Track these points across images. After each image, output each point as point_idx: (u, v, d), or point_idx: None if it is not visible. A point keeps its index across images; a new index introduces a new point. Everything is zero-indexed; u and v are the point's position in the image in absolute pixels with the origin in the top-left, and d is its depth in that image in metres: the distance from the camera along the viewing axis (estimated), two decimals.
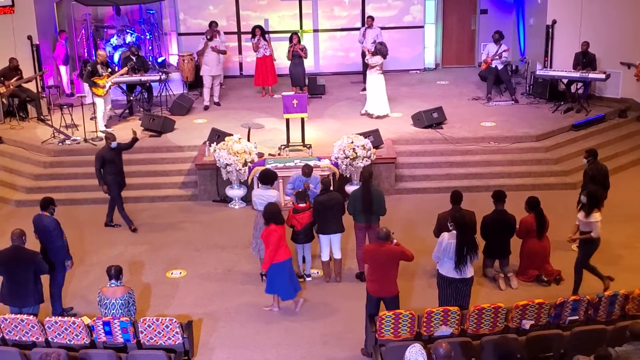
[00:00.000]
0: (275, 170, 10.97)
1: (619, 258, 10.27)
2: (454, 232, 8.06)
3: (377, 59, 14.01)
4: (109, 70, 13.86)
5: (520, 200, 9.69)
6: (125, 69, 14.31)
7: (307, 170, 10.04)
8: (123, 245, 10.90)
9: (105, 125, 13.76)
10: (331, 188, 9.82)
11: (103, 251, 10.68)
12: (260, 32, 15.53)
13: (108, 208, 11.41)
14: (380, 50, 13.99)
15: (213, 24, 15.65)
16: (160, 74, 15.03)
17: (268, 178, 9.55)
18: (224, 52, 15.35)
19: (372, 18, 16.14)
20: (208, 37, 15.05)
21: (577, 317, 7.77)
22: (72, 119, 13.88)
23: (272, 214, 8.69)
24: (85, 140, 13.30)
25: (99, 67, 13.67)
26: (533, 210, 9.49)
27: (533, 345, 7.25)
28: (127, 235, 11.19)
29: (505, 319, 7.70)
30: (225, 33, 16.35)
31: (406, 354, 6.29)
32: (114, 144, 11.00)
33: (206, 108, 15.17)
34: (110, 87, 13.77)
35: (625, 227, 11.09)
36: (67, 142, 13.32)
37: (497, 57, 15.01)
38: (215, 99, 15.38)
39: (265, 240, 8.72)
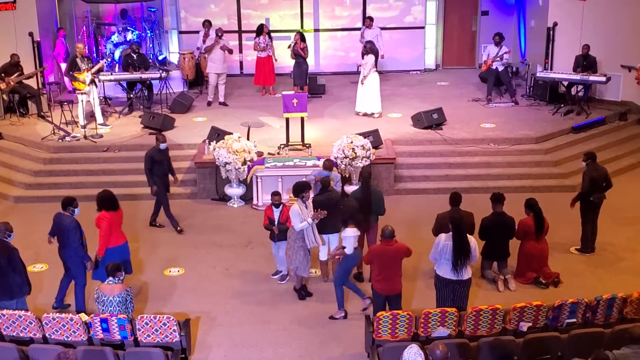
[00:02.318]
0: (276, 170, 11.02)
1: (619, 261, 10.27)
2: (451, 233, 8.05)
3: (371, 58, 14.03)
4: (90, 64, 13.72)
5: (519, 202, 9.68)
6: (103, 62, 14.18)
7: (328, 164, 10.00)
8: None
9: (98, 123, 13.70)
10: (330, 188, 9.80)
11: None
12: (267, 31, 15.54)
13: (154, 208, 11.29)
14: (372, 49, 14.05)
15: (206, 23, 15.58)
16: (160, 71, 15.03)
17: (295, 189, 9.28)
18: (230, 51, 15.34)
19: (370, 19, 16.17)
20: (219, 34, 15.04)
21: (574, 320, 7.76)
22: (72, 116, 13.86)
23: (102, 200, 8.92)
24: (85, 137, 13.29)
25: (78, 60, 13.54)
26: (532, 211, 9.48)
27: (530, 348, 7.24)
28: (126, 233, 11.13)
29: (503, 321, 7.69)
30: (226, 32, 16.36)
31: (404, 354, 6.28)
32: (162, 146, 10.89)
33: (209, 104, 15.22)
34: (91, 81, 13.57)
35: (625, 230, 11.08)
36: (67, 138, 13.31)
37: (498, 58, 15.00)
38: (221, 99, 15.36)
39: (97, 225, 8.88)
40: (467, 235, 8.15)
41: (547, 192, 12.18)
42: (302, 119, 12.58)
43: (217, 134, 12.60)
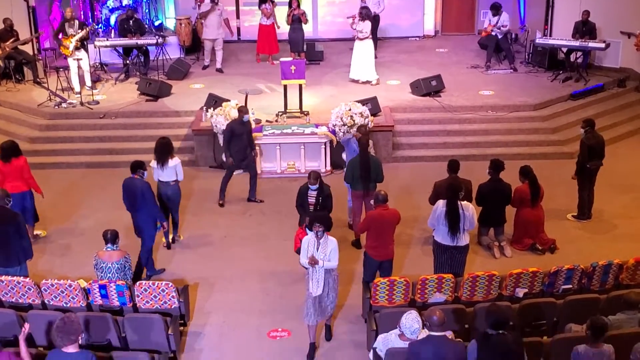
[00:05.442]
0: (274, 138, 10.90)
1: (615, 227, 10.30)
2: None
3: (367, 25, 13.89)
4: (79, 30, 13.45)
5: (516, 170, 9.66)
6: (87, 30, 13.74)
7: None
8: (119, 210, 10.79)
9: (85, 87, 13.58)
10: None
11: (99, 215, 10.64)
12: None
13: (250, 184, 11.05)
14: (368, 15, 13.92)
15: None
16: (156, 37, 14.86)
17: (310, 221, 7.62)
18: (226, 22, 15.27)
19: None
20: (216, 0, 14.89)
21: (570, 286, 7.81)
22: (68, 82, 13.74)
23: None
24: (82, 103, 13.20)
25: (66, 25, 13.38)
26: (526, 178, 9.48)
27: (526, 313, 7.29)
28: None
29: (499, 287, 7.73)
30: None
31: (402, 320, 6.32)
32: (246, 117, 10.73)
33: (205, 67, 15.13)
34: (76, 48, 13.34)
35: (622, 197, 11.09)
36: (63, 105, 13.22)
37: (497, 29, 14.90)
38: (218, 65, 15.25)
39: None
40: (465, 202, 8.15)
41: (545, 159, 12.17)
42: (300, 86, 12.49)
43: (214, 101, 12.52)
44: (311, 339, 7.66)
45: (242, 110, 10.80)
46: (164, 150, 9.41)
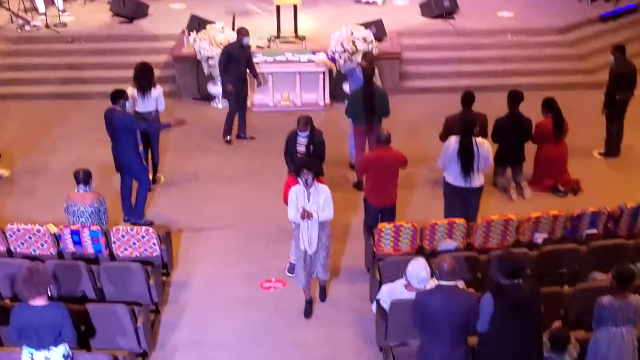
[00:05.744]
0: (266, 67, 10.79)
1: None
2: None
3: None
4: None
5: (538, 102, 9.60)
6: None
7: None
8: (92, 146, 10.75)
9: (55, 7, 13.36)
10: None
11: (69, 152, 10.60)
12: None
13: (238, 119, 10.95)
14: None
15: None
16: None
17: (297, 167, 7.44)
18: None
19: None
20: None
21: (595, 231, 7.85)
22: (31, 2, 13.51)
23: None
24: (47, 26, 13.01)
25: None
26: (550, 112, 9.43)
27: (546, 261, 7.34)
28: (96, 134, 10.99)
29: (516, 232, 7.77)
30: None
31: (408, 268, 6.36)
32: (245, 40, 10.48)
33: None
34: None
35: None
36: (27, 27, 13.05)
37: None
38: None
39: None
40: (480, 138, 8.12)
41: (570, 90, 12.13)
42: (295, 7, 12.30)
43: (197, 24, 12.35)
44: (307, 297, 7.70)
45: (242, 32, 10.57)
46: (145, 76, 9.27)
